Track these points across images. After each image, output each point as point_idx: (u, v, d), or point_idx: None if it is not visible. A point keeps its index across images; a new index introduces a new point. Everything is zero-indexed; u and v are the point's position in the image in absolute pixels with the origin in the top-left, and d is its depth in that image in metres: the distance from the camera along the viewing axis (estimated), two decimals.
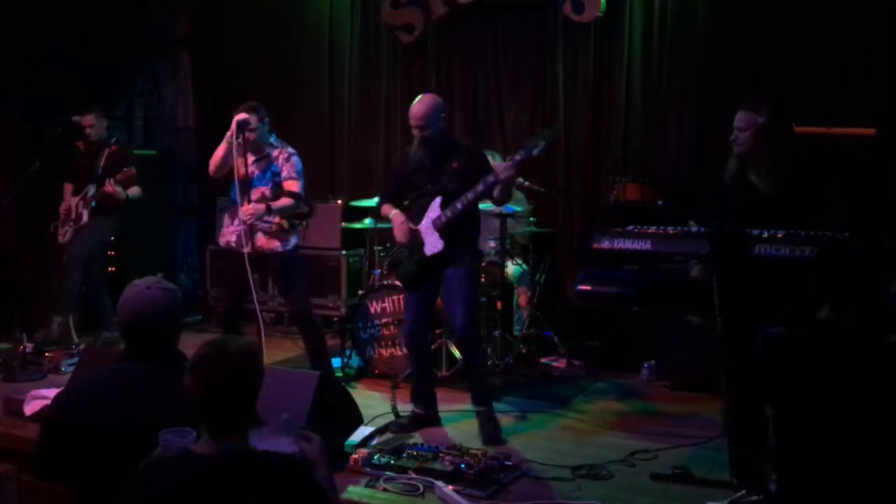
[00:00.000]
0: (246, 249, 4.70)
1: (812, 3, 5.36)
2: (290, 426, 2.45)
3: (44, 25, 6.73)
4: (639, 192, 5.73)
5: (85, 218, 6.08)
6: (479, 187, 4.22)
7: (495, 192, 4.28)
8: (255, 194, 4.85)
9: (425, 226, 4.40)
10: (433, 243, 4.38)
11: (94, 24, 6.98)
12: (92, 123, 6.17)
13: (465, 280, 4.33)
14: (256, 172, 4.87)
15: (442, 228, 4.35)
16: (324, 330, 5.21)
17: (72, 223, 6.12)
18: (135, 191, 6.09)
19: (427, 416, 4.50)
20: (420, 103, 4.36)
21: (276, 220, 4.85)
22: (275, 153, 4.90)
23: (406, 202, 4.55)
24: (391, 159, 6.85)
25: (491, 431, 4.30)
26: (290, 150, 4.94)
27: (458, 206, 4.29)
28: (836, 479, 2.98)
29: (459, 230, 4.37)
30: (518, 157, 4.17)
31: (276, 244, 4.87)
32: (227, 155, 4.70)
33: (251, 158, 4.86)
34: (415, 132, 4.37)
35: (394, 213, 4.52)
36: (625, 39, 6.03)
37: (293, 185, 4.85)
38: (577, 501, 3.49)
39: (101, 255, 6.54)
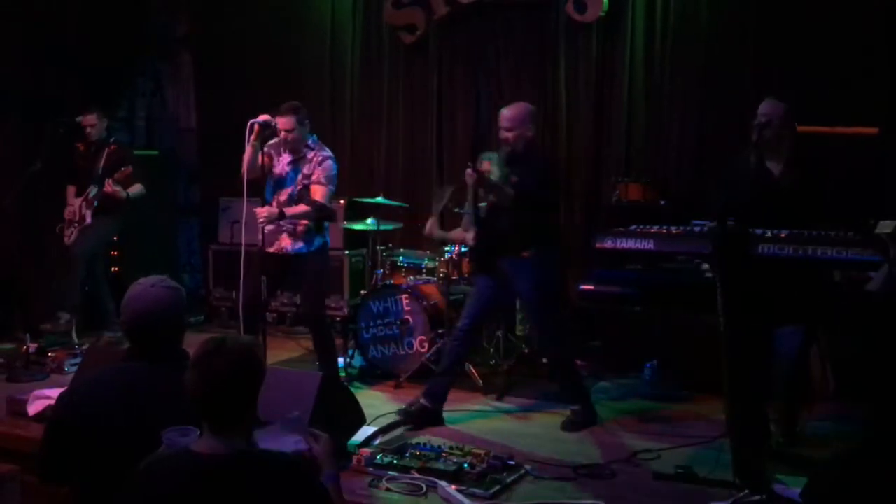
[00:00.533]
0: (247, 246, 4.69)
1: (812, 3, 5.36)
2: (299, 423, 2.44)
3: (44, 25, 6.73)
4: (641, 192, 5.73)
5: (88, 219, 6.09)
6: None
7: None
8: (283, 195, 4.85)
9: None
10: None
11: (94, 24, 6.97)
12: (93, 123, 6.17)
13: (534, 305, 4.68)
14: (289, 172, 4.87)
15: (477, 231, 4.69)
16: (332, 332, 5.20)
17: (76, 224, 6.14)
18: (136, 189, 6.08)
19: (433, 412, 4.52)
20: (511, 107, 4.55)
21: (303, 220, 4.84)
22: (310, 155, 4.88)
23: None
24: (394, 160, 6.94)
25: (570, 419, 4.53)
26: (326, 153, 4.92)
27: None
28: None
29: (519, 244, 4.46)
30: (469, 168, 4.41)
31: (300, 244, 4.87)
32: (253, 157, 4.69)
33: (287, 158, 4.89)
34: (501, 133, 4.52)
35: None
36: (627, 39, 6.03)
37: (317, 192, 4.81)
38: (580, 501, 3.49)
39: (105, 255, 6.55)
